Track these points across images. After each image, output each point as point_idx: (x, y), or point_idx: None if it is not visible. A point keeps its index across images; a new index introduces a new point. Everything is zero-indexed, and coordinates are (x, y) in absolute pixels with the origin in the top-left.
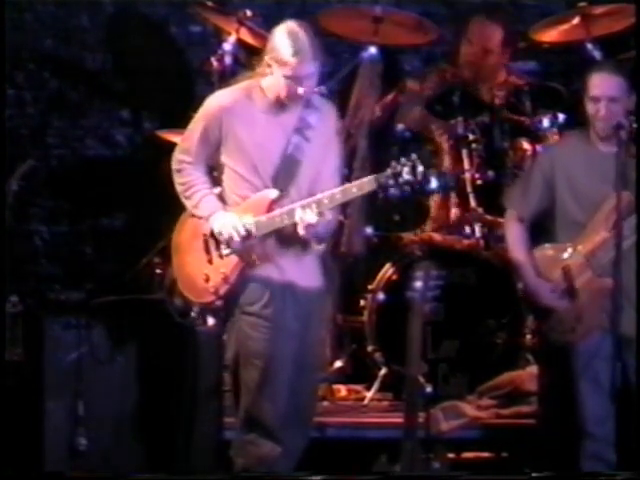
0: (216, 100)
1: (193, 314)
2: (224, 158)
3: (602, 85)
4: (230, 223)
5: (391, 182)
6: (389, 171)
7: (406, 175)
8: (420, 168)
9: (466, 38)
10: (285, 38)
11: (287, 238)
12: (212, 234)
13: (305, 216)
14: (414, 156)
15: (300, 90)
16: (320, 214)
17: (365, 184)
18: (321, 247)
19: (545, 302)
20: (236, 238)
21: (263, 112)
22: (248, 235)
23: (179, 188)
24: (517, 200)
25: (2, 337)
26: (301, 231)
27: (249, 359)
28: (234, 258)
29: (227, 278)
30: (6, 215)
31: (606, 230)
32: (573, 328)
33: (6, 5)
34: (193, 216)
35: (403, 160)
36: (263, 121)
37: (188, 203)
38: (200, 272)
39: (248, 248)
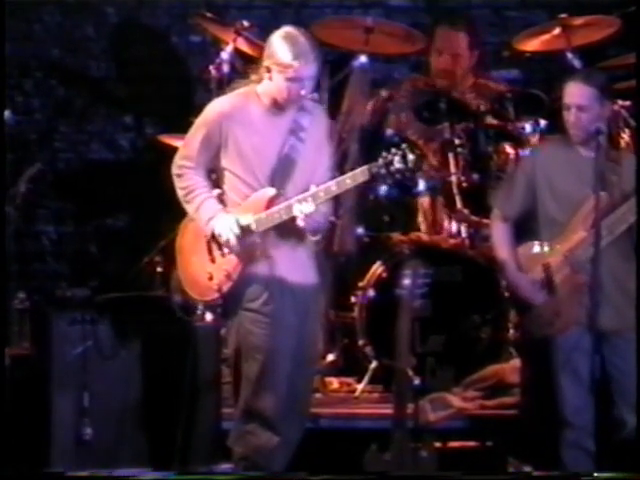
0: (215, 107)
1: (199, 312)
2: (224, 162)
3: (572, 94)
4: (228, 225)
5: (383, 171)
6: (381, 161)
7: (397, 164)
8: (411, 156)
9: (434, 48)
10: (284, 43)
11: (284, 238)
12: (213, 236)
13: (303, 208)
14: (404, 145)
15: (302, 91)
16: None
17: (358, 174)
18: (316, 238)
19: (525, 294)
20: (233, 239)
21: (260, 117)
22: (246, 233)
23: (180, 192)
24: (501, 200)
25: (6, 331)
26: (300, 222)
27: (250, 353)
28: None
29: (230, 275)
30: (10, 215)
31: (584, 230)
32: (552, 322)
33: (15, 16)
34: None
35: (394, 150)
36: (260, 125)
37: (189, 207)
38: (204, 271)
39: (249, 245)
